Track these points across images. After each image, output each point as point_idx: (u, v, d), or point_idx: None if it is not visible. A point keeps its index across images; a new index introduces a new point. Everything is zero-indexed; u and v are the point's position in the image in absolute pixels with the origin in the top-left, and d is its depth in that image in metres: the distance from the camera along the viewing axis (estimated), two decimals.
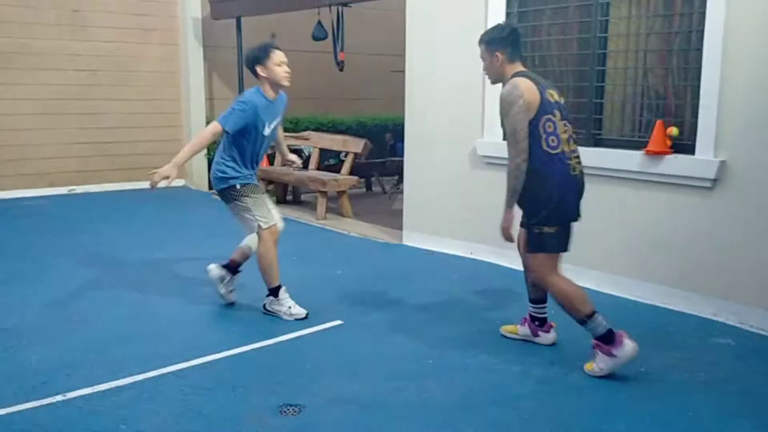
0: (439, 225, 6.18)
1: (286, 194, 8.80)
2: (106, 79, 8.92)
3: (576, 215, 3.53)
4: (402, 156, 9.28)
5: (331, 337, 4.05)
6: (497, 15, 5.49)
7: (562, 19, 5.27)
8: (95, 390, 3.27)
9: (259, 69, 4.19)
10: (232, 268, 4.49)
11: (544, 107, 3.34)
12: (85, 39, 8.72)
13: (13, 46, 8.23)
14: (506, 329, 4.04)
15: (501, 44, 3.50)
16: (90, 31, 8.75)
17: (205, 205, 8.43)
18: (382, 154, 9.77)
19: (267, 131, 4.25)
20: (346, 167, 8.07)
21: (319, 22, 8.21)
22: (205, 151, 9.21)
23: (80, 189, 8.91)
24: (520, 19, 5.49)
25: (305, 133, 8.94)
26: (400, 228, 6.58)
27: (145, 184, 5.06)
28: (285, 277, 4.71)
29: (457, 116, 5.88)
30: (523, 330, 3.94)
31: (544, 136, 3.31)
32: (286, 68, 4.20)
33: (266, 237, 4.19)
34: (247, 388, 3.33)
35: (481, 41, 3.58)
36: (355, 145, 8.13)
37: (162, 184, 4.01)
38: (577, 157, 3.49)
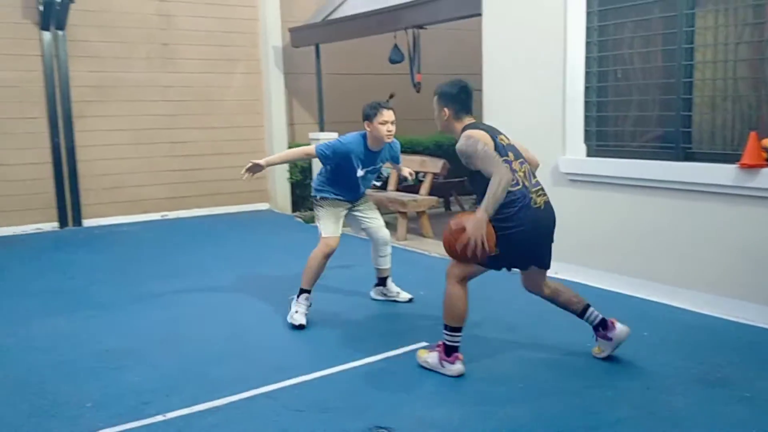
0: None
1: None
2: (194, 108, 9.32)
3: (529, 250, 3.67)
4: None
5: (415, 360, 4.05)
6: (577, 31, 5.43)
7: (644, 31, 5.16)
8: (193, 410, 3.40)
9: (366, 124, 4.68)
10: (380, 280, 5.21)
11: (499, 151, 3.55)
12: (173, 71, 9.17)
13: (108, 80, 8.74)
14: (594, 351, 3.98)
15: (450, 100, 3.76)
16: (178, 63, 9.19)
17: (288, 227, 8.64)
18: (459, 174, 9.75)
19: (360, 173, 4.74)
20: (425, 187, 8.11)
21: (396, 46, 8.33)
22: (288, 175, 9.51)
23: (172, 215, 9.32)
24: (601, 34, 5.41)
25: None
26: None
27: (232, 209, 5.31)
28: (368, 298, 4.78)
29: (537, 134, 5.81)
30: (603, 344, 3.91)
31: None
32: (389, 127, 4.63)
33: (321, 245, 4.71)
34: (337, 411, 3.38)
35: (435, 92, 3.85)
36: (434, 165, 8.16)
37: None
38: (539, 190, 3.67)
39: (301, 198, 9.74)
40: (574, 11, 5.45)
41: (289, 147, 9.72)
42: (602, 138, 5.55)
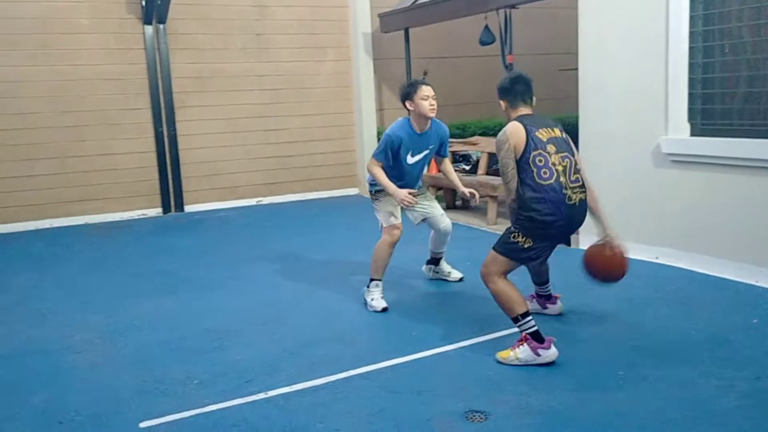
0: (619, 228, 5.83)
1: (455, 200, 8.87)
2: (287, 96, 9.53)
3: (557, 241, 3.82)
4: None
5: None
6: (681, 5, 5.17)
7: (755, 2, 4.84)
8: (293, 389, 3.50)
9: (407, 103, 4.61)
10: (434, 259, 5.31)
11: (533, 144, 3.65)
12: (267, 61, 9.40)
13: (206, 71, 9.06)
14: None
15: (505, 93, 3.94)
16: (271, 52, 9.42)
17: None
18: None
19: (411, 160, 4.72)
20: None
21: (487, 27, 8.20)
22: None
23: (266, 200, 9.60)
24: (706, 7, 5.12)
25: (473, 138, 8.95)
26: (576, 232, 6.36)
27: (323, 194, 5.40)
28: (462, 282, 4.76)
29: (637, 113, 5.60)
30: (533, 305, 4.26)
31: (535, 169, 3.61)
32: (431, 101, 4.55)
33: (385, 234, 4.75)
34: (432, 393, 3.40)
35: (497, 89, 4.03)
36: None
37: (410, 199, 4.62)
38: (578, 187, 3.71)
39: None
40: None
41: (378, 132, 9.81)
42: (708, 116, 5.26)
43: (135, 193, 8.85)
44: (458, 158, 9.08)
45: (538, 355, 3.63)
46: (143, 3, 8.40)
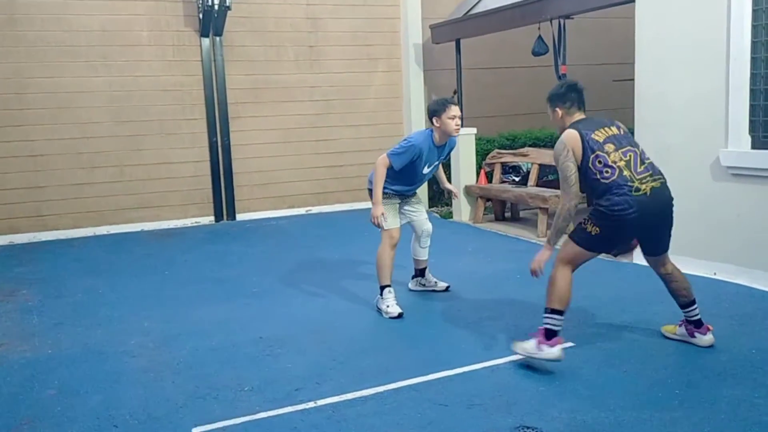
0: (676, 242, 5.68)
1: (504, 211, 8.79)
2: (338, 107, 9.63)
3: (635, 233, 3.81)
4: None
5: (564, 360, 3.94)
6: (743, 14, 5.02)
7: None
8: (342, 399, 3.51)
9: (434, 120, 4.82)
10: (418, 271, 5.45)
11: (590, 148, 3.70)
12: (319, 72, 9.51)
13: (260, 82, 9.23)
14: (666, 329, 4.14)
15: (559, 100, 3.98)
16: (323, 64, 9.53)
17: None
18: None
19: (426, 170, 4.94)
20: None
21: (540, 37, 8.11)
22: None
23: (315, 209, 9.69)
24: None
25: (524, 150, 8.86)
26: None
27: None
28: (512, 296, 4.71)
29: (696, 125, 5.46)
30: (681, 330, 4.07)
31: (596, 171, 3.67)
32: (457, 121, 4.80)
33: (385, 238, 4.92)
34: (482, 407, 3.36)
35: (546, 99, 4.07)
36: None
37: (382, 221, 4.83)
38: (646, 177, 3.71)
39: (438, 193, 9.79)
40: None
41: None
42: None
43: (189, 201, 9.05)
44: (508, 169, 9.00)
45: (540, 349, 3.71)
46: (201, 16, 8.61)
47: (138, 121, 8.69)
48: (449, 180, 8.09)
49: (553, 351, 3.69)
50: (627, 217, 3.62)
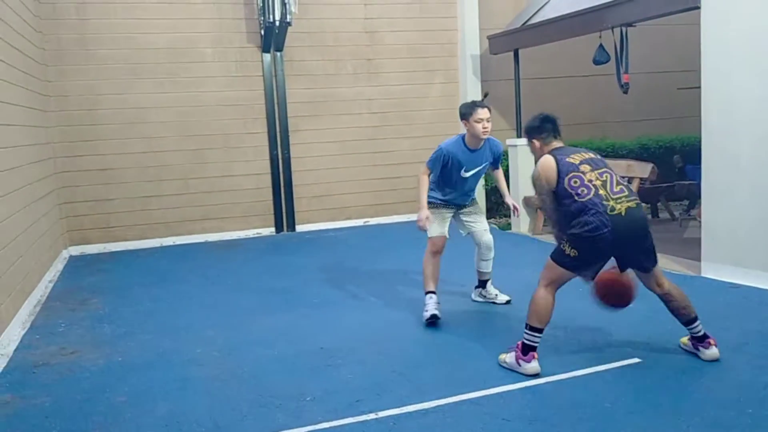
0: (747, 255, 5.56)
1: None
2: (395, 119, 9.69)
3: (609, 254, 3.86)
4: (693, 179, 8.62)
5: (629, 376, 3.85)
6: None
7: None
8: (402, 411, 3.52)
9: (464, 123, 4.96)
10: (480, 282, 5.49)
11: (565, 170, 3.83)
12: (377, 84, 9.61)
13: (319, 96, 9.38)
14: (682, 340, 4.14)
15: (536, 132, 4.11)
16: (381, 77, 9.62)
17: None
18: (668, 178, 9.13)
19: (465, 174, 5.00)
20: None
21: (601, 46, 7.99)
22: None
23: (373, 221, 9.75)
24: None
25: None
26: (697, 258, 6.06)
27: None
28: (573, 308, 4.64)
29: (765, 133, 5.27)
30: (687, 347, 4.09)
31: (572, 191, 3.78)
32: (485, 124, 4.88)
33: (428, 246, 5.09)
34: (545, 422, 3.32)
35: (524, 133, 4.28)
36: (642, 170, 7.72)
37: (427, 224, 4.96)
38: (621, 198, 3.78)
39: (496, 204, 9.71)
40: None
41: None
42: None
43: (251, 213, 9.25)
44: None
45: (519, 365, 3.85)
46: (262, 33, 8.82)
47: (202, 136, 8.96)
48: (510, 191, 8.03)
49: (529, 366, 3.83)
50: (602, 237, 3.71)
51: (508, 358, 3.96)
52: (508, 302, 5.34)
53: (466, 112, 4.92)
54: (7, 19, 6.28)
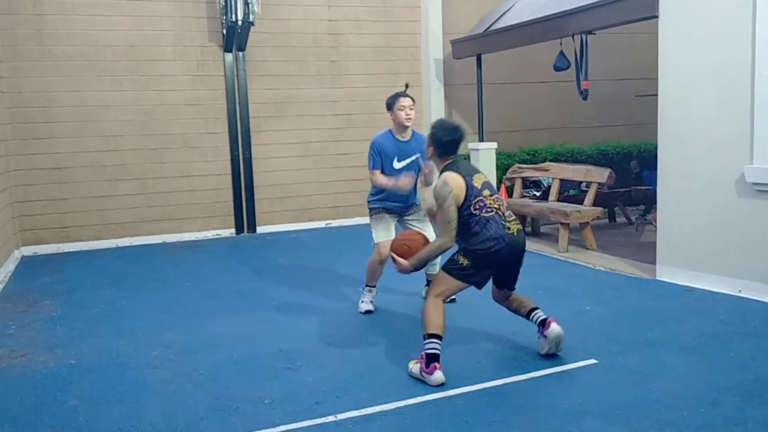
0: (700, 259, 5.69)
1: (524, 226, 8.74)
2: (358, 121, 9.67)
3: (500, 267, 4.07)
4: (649, 184, 8.81)
5: (586, 377, 3.90)
6: (767, 26, 4.99)
7: None
8: (362, 413, 3.50)
9: (389, 113, 5.19)
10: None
11: (472, 193, 3.96)
12: (340, 86, 9.58)
13: (282, 97, 9.31)
14: (540, 348, 4.23)
15: (437, 145, 4.13)
16: (345, 78, 9.59)
17: None
18: (625, 183, 9.31)
19: (398, 165, 5.14)
20: (589, 198, 7.82)
21: (562, 52, 8.11)
22: None
23: (335, 223, 9.72)
24: None
25: (544, 164, 8.85)
26: (652, 262, 6.18)
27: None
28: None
29: (721, 140, 5.41)
30: (542, 341, 4.18)
31: (477, 211, 3.94)
32: (407, 111, 5.08)
33: (374, 252, 5.23)
34: (503, 424, 3.33)
35: (431, 129, 4.19)
36: (600, 175, 7.85)
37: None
38: (514, 220, 4.07)
39: None
40: (765, 9, 5.01)
41: None
42: None
43: (210, 214, 9.12)
44: (528, 184, 8.98)
45: (423, 376, 3.88)
46: (224, 32, 8.72)
47: (161, 135, 8.81)
48: None
49: (432, 378, 3.83)
50: (499, 251, 3.92)
51: (415, 368, 3.97)
52: (452, 301, 5.27)
53: (390, 102, 5.15)
54: None
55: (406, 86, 5.46)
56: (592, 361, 4.09)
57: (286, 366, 4.24)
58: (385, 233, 5.21)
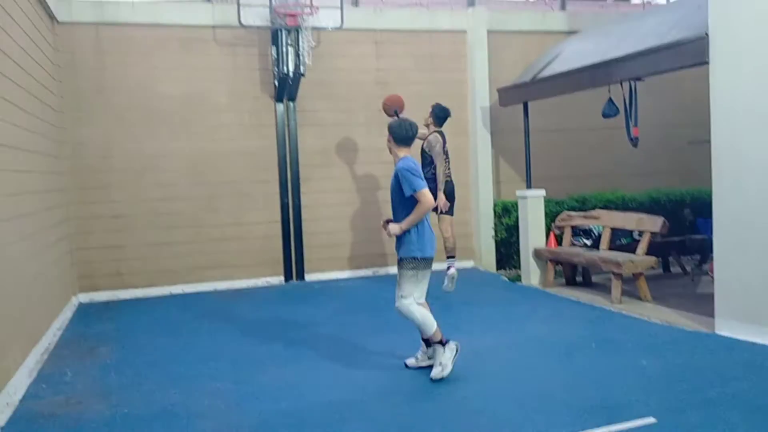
0: (761, 312, 5.48)
1: (575, 275, 8.58)
2: None
3: None
4: (704, 233, 8.57)
5: None
6: None
7: None
8: None
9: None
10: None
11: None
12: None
13: (331, 145, 9.48)
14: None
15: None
16: None
17: (494, 285, 8.60)
18: (679, 231, 9.09)
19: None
20: (642, 247, 7.63)
21: (610, 99, 8.06)
22: (492, 233, 9.57)
23: (382, 271, 9.72)
24: None
25: (594, 212, 8.71)
26: (711, 315, 5.98)
27: (437, 266, 5.57)
28: (586, 365, 4.56)
29: None
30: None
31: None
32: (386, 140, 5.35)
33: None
34: None
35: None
36: (652, 224, 7.67)
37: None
38: None
39: (506, 256, 9.66)
40: None
41: (494, 204, 9.80)
42: None
43: (260, 261, 9.24)
44: (578, 232, 8.83)
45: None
46: (276, 83, 8.97)
47: (214, 183, 9.02)
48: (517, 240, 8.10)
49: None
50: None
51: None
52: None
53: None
54: (28, 69, 6.43)
55: (397, 115, 5.87)
56: (651, 419, 3.94)
57: (334, 418, 4.21)
58: (424, 291, 5.14)
